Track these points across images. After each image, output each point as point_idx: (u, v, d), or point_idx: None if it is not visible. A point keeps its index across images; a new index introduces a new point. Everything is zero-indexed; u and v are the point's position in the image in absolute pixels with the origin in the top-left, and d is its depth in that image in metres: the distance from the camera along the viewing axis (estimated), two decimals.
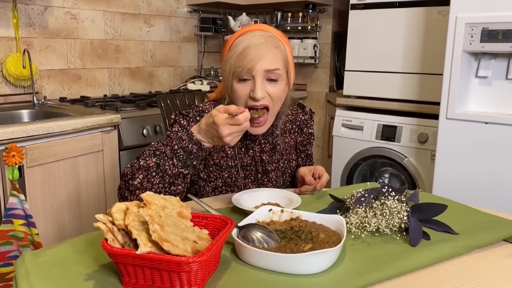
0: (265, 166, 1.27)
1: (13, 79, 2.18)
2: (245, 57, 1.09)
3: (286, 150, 1.31)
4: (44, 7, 2.30)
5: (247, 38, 1.11)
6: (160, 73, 2.96)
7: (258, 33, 1.12)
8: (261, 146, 1.26)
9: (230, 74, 1.12)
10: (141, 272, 0.69)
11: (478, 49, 1.72)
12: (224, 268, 0.77)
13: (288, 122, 1.32)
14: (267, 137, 1.26)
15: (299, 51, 2.98)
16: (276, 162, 1.28)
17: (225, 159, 1.23)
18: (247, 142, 1.25)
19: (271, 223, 0.92)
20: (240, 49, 1.10)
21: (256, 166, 1.26)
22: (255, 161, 1.26)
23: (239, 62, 1.10)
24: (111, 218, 0.73)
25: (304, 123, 1.35)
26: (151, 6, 2.84)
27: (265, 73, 1.10)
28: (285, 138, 1.30)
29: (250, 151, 1.25)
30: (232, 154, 1.23)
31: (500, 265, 0.80)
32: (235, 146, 1.23)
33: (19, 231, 1.63)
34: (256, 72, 1.09)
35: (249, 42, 1.10)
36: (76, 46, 2.47)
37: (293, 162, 1.33)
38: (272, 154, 1.27)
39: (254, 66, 1.09)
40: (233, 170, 1.24)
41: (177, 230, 0.74)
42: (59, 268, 0.77)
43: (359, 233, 0.89)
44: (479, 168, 1.77)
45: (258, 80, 1.10)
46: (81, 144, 1.85)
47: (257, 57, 1.08)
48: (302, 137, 1.35)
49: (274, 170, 1.28)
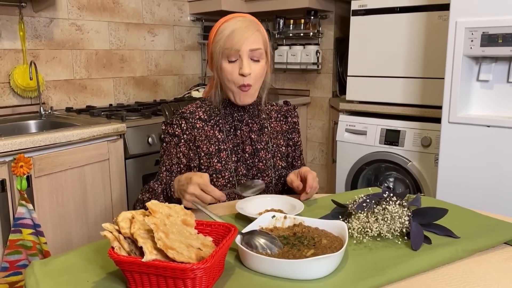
0: (255, 145, 1.35)
1: (20, 91, 2.22)
2: (233, 39, 1.24)
3: (273, 134, 1.40)
4: (50, 19, 2.34)
5: (232, 23, 1.27)
6: (164, 82, 2.99)
7: (240, 18, 1.29)
8: (249, 126, 1.36)
9: (220, 55, 1.27)
10: (147, 279, 0.71)
11: (478, 53, 1.73)
12: (228, 274, 0.78)
13: (273, 111, 1.44)
14: (253, 118, 1.37)
15: (301, 57, 3.00)
16: (265, 143, 1.37)
17: (216, 144, 1.32)
18: (236, 123, 1.35)
19: (274, 229, 0.93)
20: (228, 32, 1.25)
21: (245, 145, 1.34)
22: (243, 141, 1.35)
23: (227, 44, 1.25)
24: (117, 226, 0.75)
25: (288, 112, 1.46)
26: (154, 16, 2.87)
27: (250, 52, 1.26)
28: (271, 123, 1.41)
29: (238, 131, 1.35)
30: (222, 137, 1.33)
31: (501, 268, 0.81)
32: (224, 129, 1.34)
33: (28, 240, 1.66)
34: (242, 52, 1.25)
35: (235, 26, 1.26)
36: (82, 56, 2.50)
37: (282, 147, 1.41)
38: (260, 134, 1.37)
39: (241, 47, 1.24)
40: (223, 154, 1.31)
41: (181, 237, 0.76)
42: (68, 276, 0.79)
43: (361, 238, 0.91)
44: (482, 171, 1.77)
45: (245, 58, 1.26)
46: (87, 153, 1.87)
47: (242, 38, 1.24)
48: (287, 126, 1.44)
49: (264, 149, 1.36)
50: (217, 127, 1.34)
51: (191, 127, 1.32)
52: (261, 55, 1.28)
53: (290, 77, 3.26)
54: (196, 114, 1.34)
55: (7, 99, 2.22)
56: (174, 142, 1.32)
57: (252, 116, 1.37)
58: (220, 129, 1.34)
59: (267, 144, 1.37)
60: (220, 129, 1.34)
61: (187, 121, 1.32)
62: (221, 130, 1.34)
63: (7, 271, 1.63)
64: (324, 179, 3.19)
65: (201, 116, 1.34)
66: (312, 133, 3.20)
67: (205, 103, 1.38)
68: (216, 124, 1.34)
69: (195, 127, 1.32)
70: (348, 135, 2.55)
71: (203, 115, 1.35)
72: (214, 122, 1.34)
